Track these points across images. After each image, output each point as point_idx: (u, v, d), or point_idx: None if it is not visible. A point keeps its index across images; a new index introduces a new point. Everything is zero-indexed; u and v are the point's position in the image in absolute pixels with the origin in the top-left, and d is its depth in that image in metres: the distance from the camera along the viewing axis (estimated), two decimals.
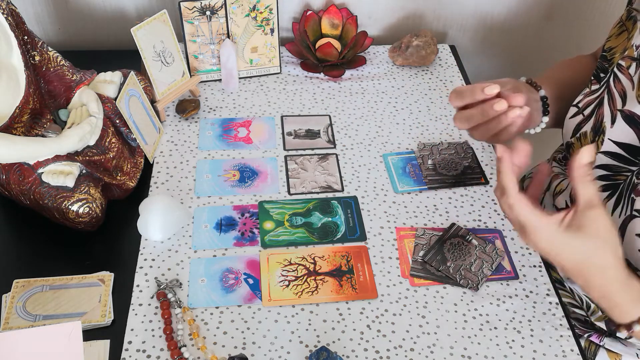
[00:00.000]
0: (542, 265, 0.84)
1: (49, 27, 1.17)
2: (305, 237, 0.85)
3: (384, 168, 0.96)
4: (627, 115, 0.77)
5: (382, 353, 0.73)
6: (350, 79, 1.12)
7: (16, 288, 0.75)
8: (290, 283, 0.79)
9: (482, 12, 1.24)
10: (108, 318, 0.73)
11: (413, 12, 1.22)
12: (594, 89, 0.84)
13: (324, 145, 0.99)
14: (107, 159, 0.85)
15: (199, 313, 0.75)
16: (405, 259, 0.83)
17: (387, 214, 0.89)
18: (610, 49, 0.84)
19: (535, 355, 0.74)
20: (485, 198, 0.92)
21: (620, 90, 0.78)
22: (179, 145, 0.97)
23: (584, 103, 0.85)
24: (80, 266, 0.79)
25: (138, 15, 1.15)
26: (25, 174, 0.79)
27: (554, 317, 0.78)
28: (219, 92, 1.07)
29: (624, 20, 0.84)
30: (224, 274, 0.79)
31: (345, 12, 1.14)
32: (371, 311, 0.77)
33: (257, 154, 0.97)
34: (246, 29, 1.06)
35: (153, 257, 0.81)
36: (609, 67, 0.83)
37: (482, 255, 0.83)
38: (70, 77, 0.88)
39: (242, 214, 0.87)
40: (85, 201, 0.79)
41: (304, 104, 1.06)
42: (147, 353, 0.71)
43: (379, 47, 1.20)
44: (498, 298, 0.80)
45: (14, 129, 0.79)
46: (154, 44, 0.95)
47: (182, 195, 0.89)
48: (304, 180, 0.93)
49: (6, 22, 0.78)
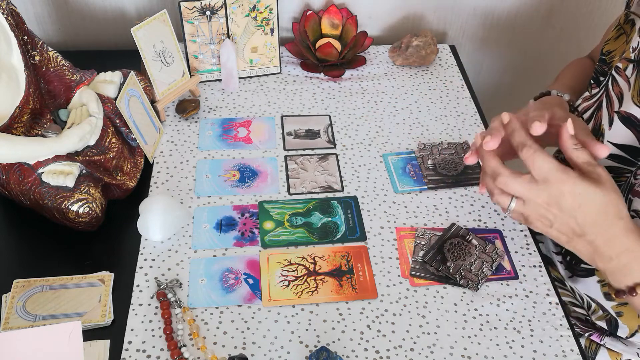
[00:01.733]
0: (542, 265, 0.84)
1: (49, 27, 1.17)
2: (305, 237, 0.85)
3: (384, 168, 0.96)
4: (624, 116, 0.77)
5: (382, 353, 0.73)
6: (350, 79, 1.12)
7: (16, 288, 0.75)
8: (290, 283, 0.79)
9: (482, 12, 1.25)
10: (108, 318, 0.73)
11: (413, 12, 1.22)
12: (593, 93, 0.84)
13: (324, 145, 0.99)
14: (107, 159, 0.85)
15: (199, 313, 0.75)
16: (405, 259, 0.83)
17: (387, 214, 0.89)
18: (609, 52, 0.85)
19: (535, 355, 0.74)
20: (485, 198, 0.92)
21: (617, 92, 0.79)
22: (179, 145, 0.97)
23: (583, 107, 0.85)
24: (80, 266, 0.79)
25: (138, 15, 1.15)
26: (25, 174, 0.79)
27: (554, 317, 0.78)
28: (219, 92, 1.07)
29: (622, 24, 0.84)
30: (224, 274, 0.79)
31: (345, 12, 1.14)
32: (371, 311, 0.77)
33: (257, 154, 0.97)
34: (246, 29, 1.06)
35: (153, 257, 0.81)
36: (608, 70, 0.83)
37: (482, 255, 0.83)
38: (70, 77, 0.88)
39: (242, 214, 0.87)
40: (85, 201, 0.79)
41: (304, 104, 1.06)
42: (147, 353, 0.71)
43: (379, 47, 1.20)
44: (498, 298, 0.80)
45: (14, 129, 0.79)
46: (154, 44, 0.95)
47: (182, 195, 0.89)
48: (304, 180, 0.93)
49: (6, 22, 0.78)
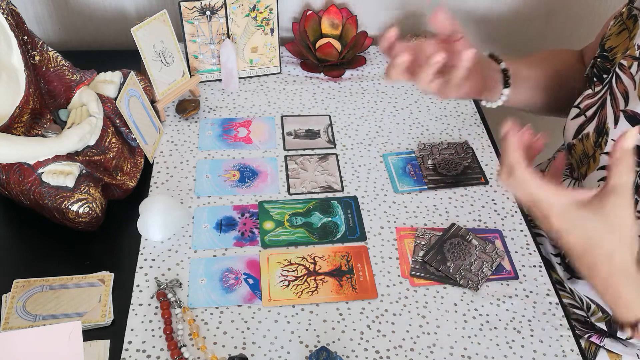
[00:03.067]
0: (542, 265, 0.84)
1: (49, 27, 1.17)
2: (305, 237, 0.85)
3: (384, 168, 0.96)
4: (630, 115, 0.76)
5: (382, 353, 0.73)
6: (350, 79, 1.12)
7: (16, 288, 0.75)
8: (290, 283, 0.79)
9: (482, 12, 1.24)
10: (108, 318, 0.73)
11: (413, 12, 1.22)
12: (597, 91, 0.84)
13: (324, 145, 0.99)
14: (107, 159, 0.85)
15: (199, 313, 0.75)
16: (405, 259, 0.83)
17: (387, 214, 0.89)
18: (612, 48, 0.84)
19: (535, 355, 0.74)
20: (485, 198, 0.92)
21: (622, 90, 0.78)
22: (179, 145, 0.97)
23: (586, 104, 0.85)
24: (80, 266, 0.79)
25: (138, 15, 1.15)
26: (25, 174, 0.79)
27: (554, 317, 0.78)
28: (219, 92, 1.07)
29: (624, 19, 0.83)
30: (224, 274, 0.79)
31: (345, 12, 1.14)
32: (371, 311, 0.77)
33: (257, 154, 0.97)
34: (246, 29, 1.06)
35: (153, 257, 0.81)
36: (611, 67, 0.83)
37: (482, 255, 0.83)
38: (70, 77, 0.88)
39: (242, 214, 0.87)
40: (85, 201, 0.79)
41: (304, 104, 1.06)
42: (147, 353, 0.71)
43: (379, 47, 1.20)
44: (498, 298, 0.79)
45: (14, 129, 0.79)
46: (154, 44, 0.95)
47: (182, 195, 0.89)
48: (304, 180, 0.93)
49: (6, 22, 0.78)
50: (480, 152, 0.99)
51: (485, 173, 0.96)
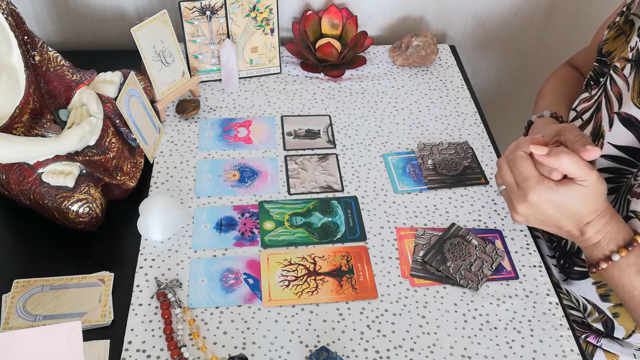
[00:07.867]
0: (542, 265, 0.84)
1: (49, 27, 1.17)
2: (305, 237, 0.85)
3: (384, 168, 0.96)
4: (624, 118, 0.76)
5: (382, 353, 0.73)
6: (350, 79, 1.12)
7: (16, 288, 0.75)
8: (290, 283, 0.79)
9: (482, 12, 1.25)
10: (108, 318, 0.73)
11: (413, 12, 1.22)
12: (593, 94, 0.84)
13: (324, 145, 0.99)
14: (107, 159, 0.85)
15: (199, 313, 0.75)
16: (405, 259, 0.83)
17: (387, 214, 0.89)
18: (609, 52, 0.84)
19: (535, 355, 0.74)
20: (485, 198, 0.92)
21: (616, 92, 0.78)
22: (179, 145, 0.97)
23: (583, 108, 0.85)
24: (80, 266, 0.79)
25: (138, 15, 1.15)
26: (25, 174, 0.79)
27: (554, 317, 0.78)
28: (219, 92, 1.07)
29: (620, 25, 0.84)
30: (224, 274, 0.79)
31: (345, 12, 1.14)
32: (371, 311, 0.77)
33: (257, 154, 0.97)
34: (246, 29, 1.06)
35: (153, 257, 0.81)
36: (608, 71, 0.83)
37: (482, 255, 0.83)
38: (70, 77, 0.88)
39: (242, 214, 0.87)
40: (85, 201, 0.79)
41: (304, 104, 1.06)
42: (147, 353, 0.71)
43: (379, 47, 1.20)
44: (498, 298, 0.80)
45: (14, 129, 0.79)
46: (154, 44, 0.95)
47: (182, 195, 0.89)
48: (304, 180, 0.93)
49: (6, 22, 0.78)
50: (480, 152, 0.99)
51: (485, 173, 0.96)
